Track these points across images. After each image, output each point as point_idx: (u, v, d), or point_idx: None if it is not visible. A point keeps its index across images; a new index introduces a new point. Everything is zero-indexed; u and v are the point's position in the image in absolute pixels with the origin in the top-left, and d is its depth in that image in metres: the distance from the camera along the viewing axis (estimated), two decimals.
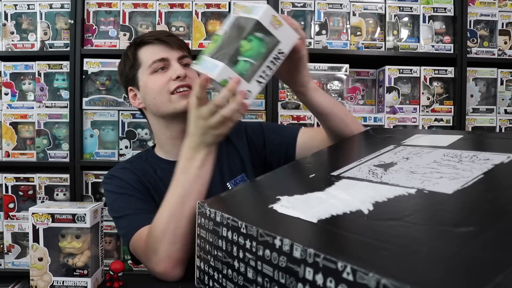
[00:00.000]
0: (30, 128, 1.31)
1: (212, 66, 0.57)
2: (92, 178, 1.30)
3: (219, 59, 0.57)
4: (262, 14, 0.57)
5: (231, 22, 0.62)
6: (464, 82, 1.28)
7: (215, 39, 0.62)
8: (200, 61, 0.61)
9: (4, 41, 1.30)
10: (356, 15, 1.31)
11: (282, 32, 0.59)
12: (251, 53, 0.58)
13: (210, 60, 0.59)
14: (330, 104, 0.74)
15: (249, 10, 0.59)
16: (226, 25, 0.62)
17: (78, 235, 0.64)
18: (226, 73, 0.57)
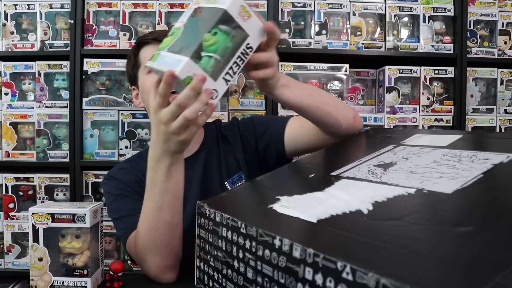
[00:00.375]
0: (30, 128, 1.31)
1: (173, 62, 0.50)
2: (92, 178, 1.30)
3: (180, 54, 0.51)
4: (231, 3, 0.51)
5: (190, 13, 0.55)
6: (464, 82, 1.28)
7: (171, 33, 0.55)
8: (156, 57, 0.54)
9: (4, 41, 1.30)
10: (356, 15, 1.31)
11: (250, 24, 0.53)
12: (217, 48, 0.51)
13: (170, 55, 0.52)
14: (303, 97, 0.68)
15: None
16: (185, 17, 0.55)
17: (78, 235, 0.64)
18: (190, 69, 0.50)
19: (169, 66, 0.50)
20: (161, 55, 0.53)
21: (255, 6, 1.29)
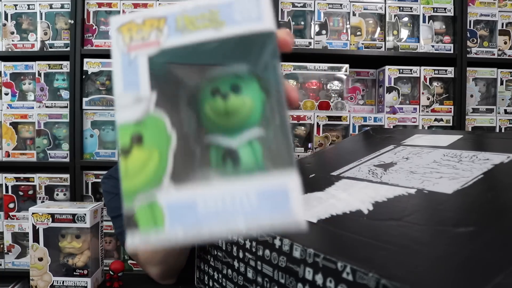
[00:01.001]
0: (30, 128, 1.31)
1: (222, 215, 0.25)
2: (92, 178, 1.30)
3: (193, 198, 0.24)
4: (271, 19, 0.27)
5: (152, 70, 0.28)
6: (464, 82, 1.28)
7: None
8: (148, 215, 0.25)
9: (4, 41, 1.30)
10: (356, 15, 1.31)
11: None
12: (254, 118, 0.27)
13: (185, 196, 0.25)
14: None
15: (212, 16, 0.27)
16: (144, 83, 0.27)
17: (78, 235, 0.64)
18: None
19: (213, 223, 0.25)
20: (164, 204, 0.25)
21: None
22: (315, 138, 1.28)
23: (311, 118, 1.28)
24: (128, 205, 0.25)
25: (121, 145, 0.26)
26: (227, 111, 0.27)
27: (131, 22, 0.28)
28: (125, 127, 0.26)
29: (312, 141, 1.28)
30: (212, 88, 0.28)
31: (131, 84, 0.27)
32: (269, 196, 0.24)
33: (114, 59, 0.27)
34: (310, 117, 1.29)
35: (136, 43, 0.28)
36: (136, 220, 0.24)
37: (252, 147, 0.27)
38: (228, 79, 0.29)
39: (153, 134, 0.26)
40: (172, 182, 0.25)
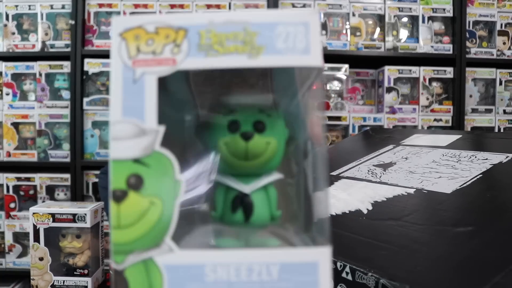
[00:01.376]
0: (31, 128, 1.31)
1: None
2: (92, 178, 1.30)
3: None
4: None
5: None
6: (463, 83, 1.28)
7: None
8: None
9: (5, 41, 1.31)
10: (355, 16, 1.31)
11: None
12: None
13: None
14: None
15: (248, 38, 0.22)
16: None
17: (79, 235, 0.65)
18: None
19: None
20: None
21: (255, 6, 1.29)
22: None
23: None
24: (118, 262, 0.21)
25: (114, 187, 0.21)
26: (247, 154, 0.23)
27: (140, 28, 0.22)
28: (120, 165, 0.21)
29: None
30: (230, 122, 0.23)
31: (133, 109, 0.21)
32: (294, 271, 0.20)
33: (113, 72, 0.22)
34: None
35: (144, 57, 0.21)
36: (127, 282, 0.21)
37: (267, 193, 0.24)
38: (251, 113, 0.24)
39: (157, 177, 0.21)
40: (175, 241, 0.20)
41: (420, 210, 0.39)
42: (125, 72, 0.22)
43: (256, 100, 0.24)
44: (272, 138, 0.23)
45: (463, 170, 0.44)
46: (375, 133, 0.73)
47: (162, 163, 0.21)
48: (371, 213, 0.40)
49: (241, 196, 0.23)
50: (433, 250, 0.31)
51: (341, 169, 0.56)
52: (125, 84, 0.22)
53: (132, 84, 0.21)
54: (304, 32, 0.21)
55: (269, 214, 0.23)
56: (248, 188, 0.23)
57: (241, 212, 0.23)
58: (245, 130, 0.23)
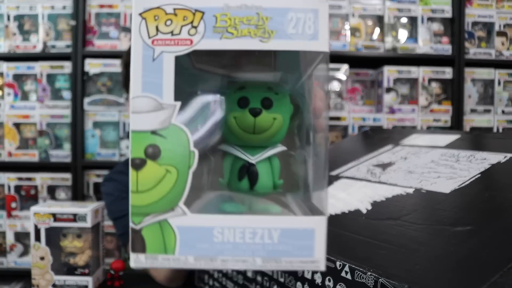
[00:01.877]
0: (32, 128, 1.31)
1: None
2: (93, 178, 1.31)
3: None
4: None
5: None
6: (462, 83, 1.29)
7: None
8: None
9: (6, 42, 1.31)
10: (355, 17, 1.31)
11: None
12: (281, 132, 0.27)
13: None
14: None
15: (260, 22, 0.23)
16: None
17: (79, 235, 0.65)
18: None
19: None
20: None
21: None
22: None
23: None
24: (136, 222, 0.23)
25: (133, 156, 0.22)
26: (255, 128, 0.25)
27: (159, 8, 0.23)
28: (139, 136, 0.22)
29: None
30: (240, 98, 0.25)
31: (152, 85, 0.22)
32: (293, 236, 0.22)
33: (134, 50, 0.23)
34: None
35: (163, 37, 0.23)
36: (144, 240, 0.23)
37: (271, 164, 0.26)
38: (259, 90, 0.25)
39: (173, 149, 0.23)
40: (187, 206, 0.23)
41: (419, 210, 0.39)
42: (145, 50, 0.23)
43: (264, 78, 0.25)
44: (278, 114, 0.25)
45: (462, 170, 0.44)
46: (375, 133, 0.73)
47: (178, 135, 0.23)
48: (370, 212, 0.41)
49: (247, 166, 0.25)
50: (432, 249, 0.32)
51: (341, 169, 0.56)
52: (145, 61, 0.23)
53: (151, 62, 0.23)
54: (313, 18, 0.23)
55: (272, 182, 0.26)
56: (254, 158, 0.25)
57: (247, 180, 0.25)
58: (254, 106, 0.25)
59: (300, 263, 0.22)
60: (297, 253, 0.22)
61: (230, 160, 0.26)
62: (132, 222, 0.23)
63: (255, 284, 0.44)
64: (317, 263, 0.23)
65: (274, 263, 0.22)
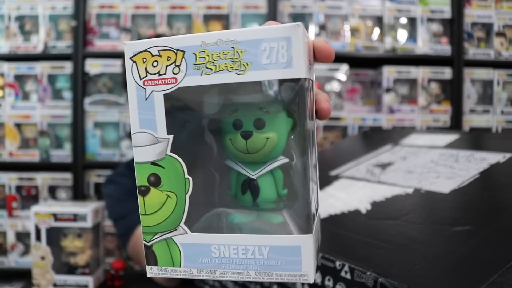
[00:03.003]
0: (33, 128, 1.31)
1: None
2: (94, 178, 1.31)
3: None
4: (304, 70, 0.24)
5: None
6: (461, 83, 1.29)
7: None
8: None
9: (7, 42, 1.31)
10: (355, 17, 1.32)
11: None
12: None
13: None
14: None
15: (236, 56, 0.24)
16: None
17: (80, 234, 0.65)
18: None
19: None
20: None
21: (255, 7, 1.30)
22: None
23: None
24: (147, 240, 0.26)
25: (139, 184, 0.26)
26: (248, 149, 0.26)
27: (146, 51, 0.25)
28: (142, 167, 0.26)
29: None
30: (234, 121, 0.27)
31: (147, 122, 0.25)
32: (281, 252, 0.24)
33: (129, 91, 0.25)
34: None
35: (152, 77, 0.25)
36: (155, 255, 0.26)
37: (274, 176, 0.27)
38: (252, 112, 0.26)
39: (171, 176, 0.25)
40: (187, 226, 0.26)
41: (418, 210, 0.39)
42: (138, 90, 0.25)
43: (256, 99, 0.27)
44: (272, 133, 0.26)
45: (461, 170, 0.44)
46: (374, 133, 0.74)
47: (174, 165, 0.25)
48: (370, 212, 0.41)
49: (249, 181, 0.27)
50: (431, 249, 0.32)
51: (340, 169, 0.56)
52: (139, 100, 0.25)
53: (144, 101, 0.25)
54: (287, 46, 0.23)
55: (275, 194, 0.27)
56: (254, 173, 0.27)
57: (249, 194, 0.27)
58: (245, 129, 0.26)
59: (289, 276, 0.24)
60: (286, 268, 0.24)
61: (235, 174, 0.28)
62: (144, 240, 0.26)
63: (255, 283, 0.44)
64: (305, 276, 0.24)
65: (266, 275, 0.25)
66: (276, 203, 0.27)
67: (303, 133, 0.25)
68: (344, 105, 1.32)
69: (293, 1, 1.31)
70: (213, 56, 0.24)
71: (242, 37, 0.23)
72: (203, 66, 0.24)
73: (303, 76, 0.23)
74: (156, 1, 1.30)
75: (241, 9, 1.30)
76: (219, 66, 0.23)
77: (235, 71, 0.23)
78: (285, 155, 0.27)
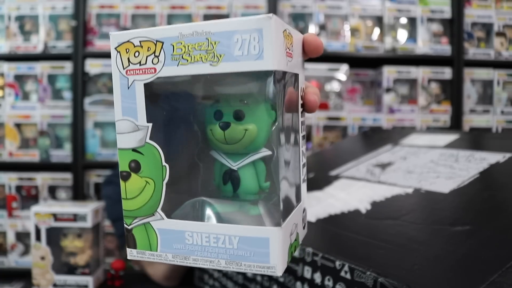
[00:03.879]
0: (33, 128, 1.31)
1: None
2: (94, 178, 1.31)
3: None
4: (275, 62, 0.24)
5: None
6: (461, 83, 1.29)
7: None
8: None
9: (7, 42, 1.31)
10: (355, 17, 1.32)
11: (297, 59, 0.28)
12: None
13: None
14: None
15: (210, 47, 0.24)
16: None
17: (80, 234, 0.65)
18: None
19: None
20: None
21: (254, 7, 1.30)
22: (314, 139, 1.28)
23: (311, 118, 1.29)
24: (128, 223, 0.27)
25: (121, 169, 0.27)
26: (226, 141, 0.27)
27: (129, 42, 0.26)
28: (124, 153, 0.27)
29: (312, 141, 1.29)
30: (215, 112, 0.27)
31: (129, 110, 0.26)
32: (250, 243, 0.25)
33: (114, 79, 0.27)
34: (310, 118, 1.29)
35: (133, 67, 0.26)
36: (134, 238, 0.27)
37: (255, 168, 0.28)
38: (232, 102, 0.27)
39: (149, 163, 0.26)
40: (164, 212, 0.26)
41: (418, 210, 0.39)
42: (121, 79, 0.26)
43: (237, 90, 0.27)
44: (251, 125, 0.26)
45: (461, 169, 0.44)
46: (374, 133, 0.74)
47: (152, 152, 0.26)
48: (370, 212, 0.41)
49: (230, 171, 0.27)
50: (431, 249, 0.32)
51: (340, 169, 0.56)
52: (122, 89, 0.26)
53: (127, 90, 0.26)
54: (258, 38, 0.23)
55: (257, 186, 0.28)
56: (235, 164, 0.27)
57: (230, 185, 0.27)
58: (225, 119, 0.27)
59: (258, 267, 0.25)
60: (254, 259, 0.25)
61: (218, 165, 0.28)
62: (125, 223, 0.27)
63: (255, 283, 0.44)
64: (273, 269, 0.24)
65: (235, 265, 0.25)
66: (258, 195, 0.28)
67: (278, 126, 0.25)
68: (344, 105, 1.32)
69: (293, 1, 1.31)
70: (189, 47, 0.24)
71: (216, 28, 0.24)
72: (179, 57, 0.24)
73: (274, 68, 0.23)
74: (156, 1, 1.30)
75: (241, 9, 1.30)
76: (194, 57, 0.24)
77: (209, 62, 0.24)
78: (268, 147, 0.27)
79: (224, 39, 0.23)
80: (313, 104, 0.30)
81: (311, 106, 0.29)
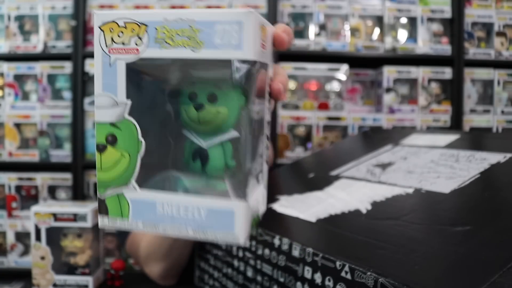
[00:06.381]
0: (32, 128, 1.31)
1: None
2: (94, 178, 1.31)
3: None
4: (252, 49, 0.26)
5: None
6: (462, 83, 1.29)
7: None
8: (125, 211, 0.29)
9: (7, 42, 1.31)
10: (355, 17, 1.32)
11: (268, 51, 0.30)
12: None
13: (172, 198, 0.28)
14: None
15: (192, 34, 0.26)
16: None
17: (80, 234, 0.65)
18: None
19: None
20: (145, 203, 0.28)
21: (254, 7, 1.30)
22: (314, 138, 1.28)
23: (311, 118, 1.29)
24: (101, 193, 0.29)
25: (97, 142, 0.28)
26: (199, 121, 0.29)
27: (114, 22, 0.27)
28: (101, 126, 0.28)
29: (312, 141, 1.29)
30: (190, 93, 0.30)
31: (109, 86, 0.27)
32: (217, 214, 0.27)
33: (96, 56, 0.28)
34: (310, 117, 1.29)
35: (116, 46, 0.27)
36: (107, 206, 0.29)
37: (223, 148, 0.30)
38: (207, 86, 0.29)
39: (126, 137, 0.28)
40: (137, 183, 0.29)
41: (419, 210, 0.39)
42: (103, 57, 0.28)
43: (213, 75, 0.29)
44: (223, 108, 0.29)
45: (461, 170, 0.44)
46: (374, 133, 0.74)
47: (129, 127, 0.28)
48: (370, 212, 0.41)
49: (199, 150, 0.30)
50: (431, 249, 0.32)
51: (341, 169, 0.56)
52: (104, 66, 0.27)
53: (108, 67, 0.27)
54: (238, 30, 0.25)
55: (224, 164, 0.30)
56: (205, 143, 0.30)
57: (199, 162, 0.30)
58: (199, 101, 0.29)
59: (222, 236, 0.27)
60: (220, 229, 0.27)
61: (189, 143, 0.31)
62: (98, 193, 0.29)
63: (255, 283, 0.44)
64: (236, 238, 0.27)
65: (202, 234, 0.27)
66: (224, 172, 0.30)
67: (247, 110, 0.27)
68: (344, 105, 1.32)
69: (293, 1, 1.31)
70: (172, 33, 0.26)
71: (200, 17, 0.25)
72: (162, 40, 0.26)
73: (251, 58, 0.25)
74: (156, 1, 1.30)
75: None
76: (177, 42, 0.26)
77: (191, 47, 0.26)
78: (237, 130, 0.29)
79: (206, 27, 0.25)
80: (277, 91, 0.32)
81: (275, 94, 0.32)
